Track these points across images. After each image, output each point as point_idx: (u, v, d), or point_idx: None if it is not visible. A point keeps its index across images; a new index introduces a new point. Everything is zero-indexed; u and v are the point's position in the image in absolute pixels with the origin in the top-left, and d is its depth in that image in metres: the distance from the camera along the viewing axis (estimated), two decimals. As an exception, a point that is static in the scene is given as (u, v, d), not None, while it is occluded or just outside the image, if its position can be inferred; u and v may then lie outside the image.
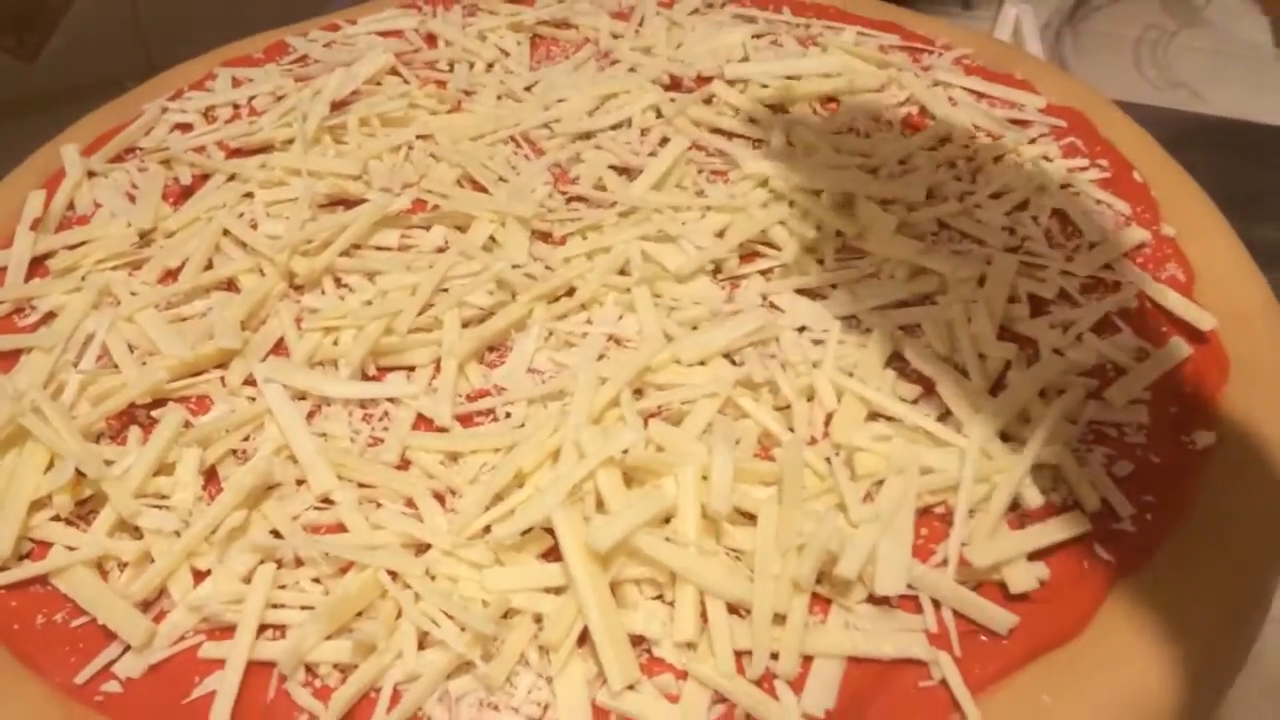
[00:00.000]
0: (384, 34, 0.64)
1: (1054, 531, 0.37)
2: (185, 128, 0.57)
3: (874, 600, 0.35)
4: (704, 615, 0.34)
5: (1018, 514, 0.37)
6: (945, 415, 0.40)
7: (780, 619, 0.34)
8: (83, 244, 0.49)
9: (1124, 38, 1.11)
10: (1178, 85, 1.05)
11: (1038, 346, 0.43)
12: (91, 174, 0.54)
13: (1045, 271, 0.46)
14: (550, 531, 0.36)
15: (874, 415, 0.40)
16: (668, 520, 0.36)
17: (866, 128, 0.55)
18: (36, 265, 0.49)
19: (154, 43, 1.04)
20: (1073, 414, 0.40)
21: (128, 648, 0.35)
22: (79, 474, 0.38)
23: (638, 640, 0.34)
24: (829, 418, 0.40)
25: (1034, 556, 0.36)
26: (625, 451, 0.37)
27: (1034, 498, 0.37)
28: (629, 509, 0.35)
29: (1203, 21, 1.11)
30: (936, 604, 0.35)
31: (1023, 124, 0.55)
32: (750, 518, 0.37)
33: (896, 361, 0.43)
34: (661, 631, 0.34)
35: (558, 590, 0.35)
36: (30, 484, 0.38)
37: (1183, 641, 0.35)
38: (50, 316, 0.46)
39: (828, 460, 0.39)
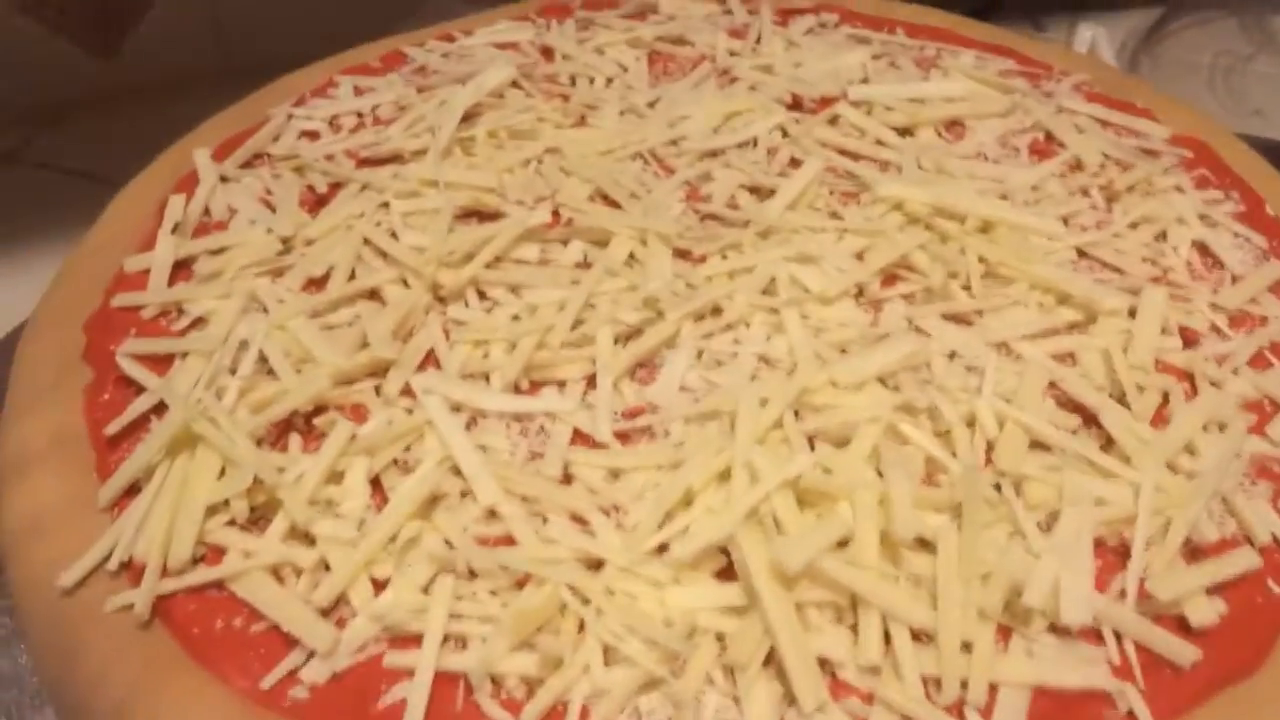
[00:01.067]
0: (500, 46, 0.64)
1: (1230, 565, 0.37)
2: (312, 135, 0.58)
3: (1055, 630, 0.35)
4: (887, 640, 0.34)
5: (1188, 548, 0.38)
6: (1106, 445, 0.40)
7: (965, 647, 0.34)
8: (225, 249, 0.49)
9: (1198, 64, 1.11)
10: (1253, 112, 1.05)
11: (1193, 379, 0.43)
12: (224, 179, 0.54)
13: (1192, 304, 0.46)
14: (724, 552, 0.37)
15: (1035, 444, 0.40)
16: (842, 545, 0.36)
17: (995, 154, 0.55)
18: (177, 270, 0.49)
19: (232, 42, 1.05)
20: (1237, 448, 0.40)
21: (312, 654, 0.35)
22: (253, 480, 0.38)
23: (821, 663, 0.34)
24: (990, 446, 0.40)
25: (1210, 591, 0.36)
26: (798, 475, 0.37)
27: (1209, 531, 0.37)
28: (811, 531, 0.35)
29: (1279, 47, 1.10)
30: (1117, 636, 0.35)
31: (1151, 154, 0.55)
32: (925, 544, 0.37)
33: (1052, 390, 0.43)
34: (846, 655, 0.34)
35: (738, 610, 0.35)
36: (204, 489, 0.38)
37: (1361, 680, 0.35)
38: (199, 321, 0.46)
39: (997, 488, 0.39)
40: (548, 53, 0.64)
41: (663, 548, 0.37)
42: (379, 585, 0.37)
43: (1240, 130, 0.85)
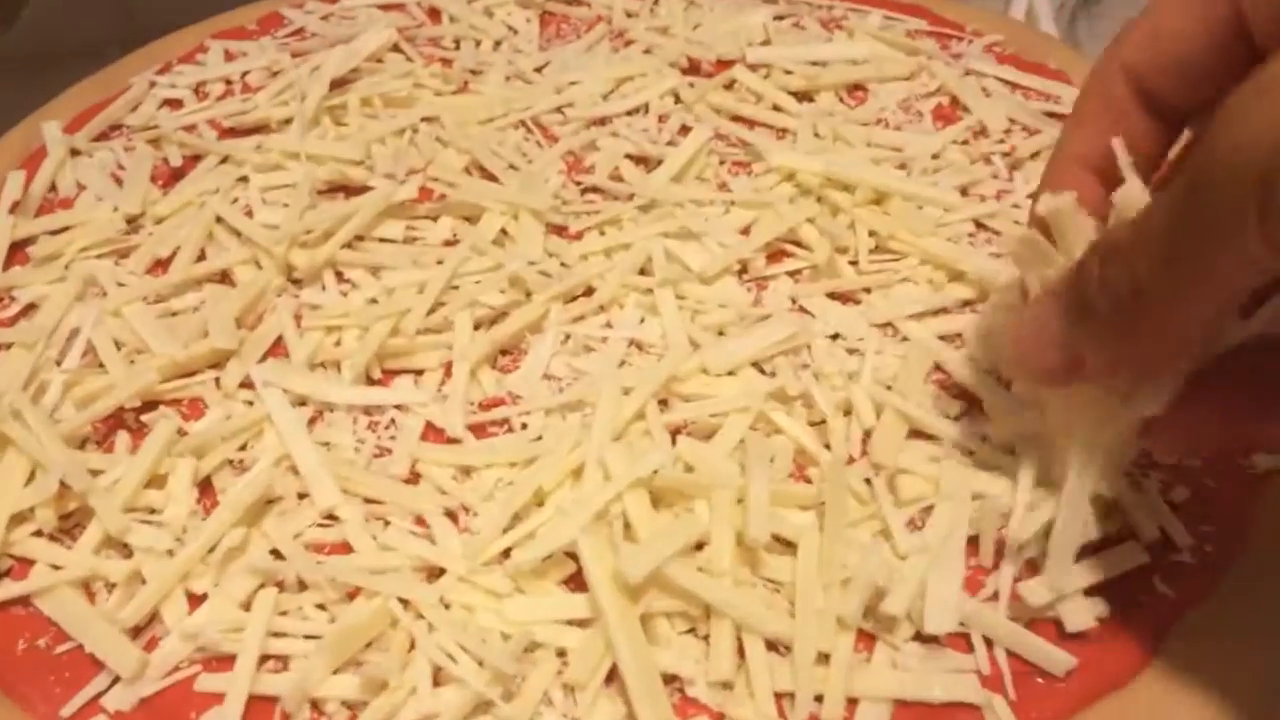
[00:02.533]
0: (384, 7, 0.61)
1: (1111, 564, 0.34)
2: (175, 104, 0.54)
3: (922, 638, 0.33)
4: (740, 652, 0.32)
5: (1069, 543, 0.35)
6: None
7: (823, 658, 0.32)
8: (66, 229, 0.46)
9: (1137, 22, 1.08)
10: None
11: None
12: (75, 152, 0.51)
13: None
14: (573, 556, 0.34)
15: (915, 433, 0.38)
16: (699, 547, 0.34)
17: (897, 120, 0.52)
18: (15, 251, 0.46)
19: (138, 7, 1.00)
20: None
21: (118, 678, 0.32)
22: (63, 486, 0.35)
23: (669, 679, 0.32)
24: (867, 435, 0.38)
25: (1089, 592, 0.34)
26: (654, 472, 0.34)
27: (1090, 529, 0.34)
28: (660, 536, 0.32)
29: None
30: (988, 642, 0.33)
31: (1060, 118, 0.52)
32: (787, 545, 0.34)
33: (936, 373, 0.40)
34: (695, 670, 0.32)
35: (582, 623, 0.33)
36: (10, 496, 0.35)
37: (1248, 681, 0.33)
38: (31, 308, 0.43)
39: (868, 482, 0.36)
40: (435, 14, 0.60)
41: (509, 553, 0.34)
42: (198, 600, 0.34)
43: None
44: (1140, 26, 0.32)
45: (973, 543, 0.35)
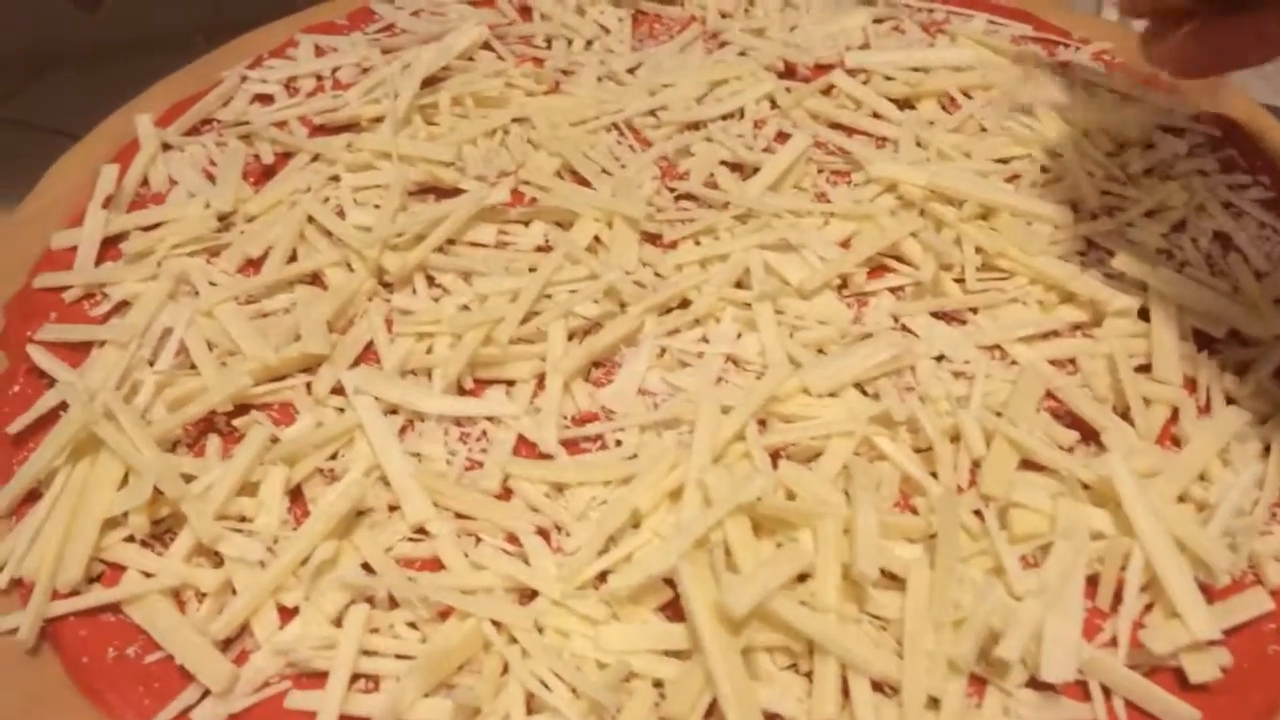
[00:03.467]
0: (475, 3, 0.60)
1: (1237, 611, 0.33)
2: (265, 99, 0.54)
3: (1037, 684, 0.31)
4: (845, 691, 0.31)
5: (1191, 588, 0.33)
6: (1105, 466, 0.36)
7: (933, 701, 0.30)
8: (158, 225, 0.46)
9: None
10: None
11: (1205, 389, 0.39)
12: (166, 146, 0.50)
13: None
14: (670, 583, 0.33)
15: (1027, 463, 0.36)
16: (802, 578, 0.33)
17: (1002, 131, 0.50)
18: (107, 246, 0.46)
19: (223, -2, 1.00)
20: (1256, 476, 0.36)
21: (207, 692, 0.32)
22: (156, 491, 0.35)
23: (770, 717, 0.31)
24: (976, 464, 0.36)
25: (1212, 641, 0.32)
26: (757, 499, 0.33)
27: (1220, 570, 0.32)
28: (764, 567, 0.31)
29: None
30: (1105, 690, 0.31)
31: (1176, 132, 0.50)
32: (894, 579, 0.33)
33: (1048, 401, 0.39)
34: (798, 709, 0.30)
35: (679, 653, 0.32)
36: (103, 500, 0.35)
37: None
38: (123, 305, 0.43)
39: (978, 514, 0.35)
40: (526, 12, 0.59)
41: (604, 577, 0.33)
42: (288, 614, 0.33)
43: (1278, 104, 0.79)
44: None
45: (1089, 582, 0.33)
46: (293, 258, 0.44)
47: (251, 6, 0.99)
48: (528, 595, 0.33)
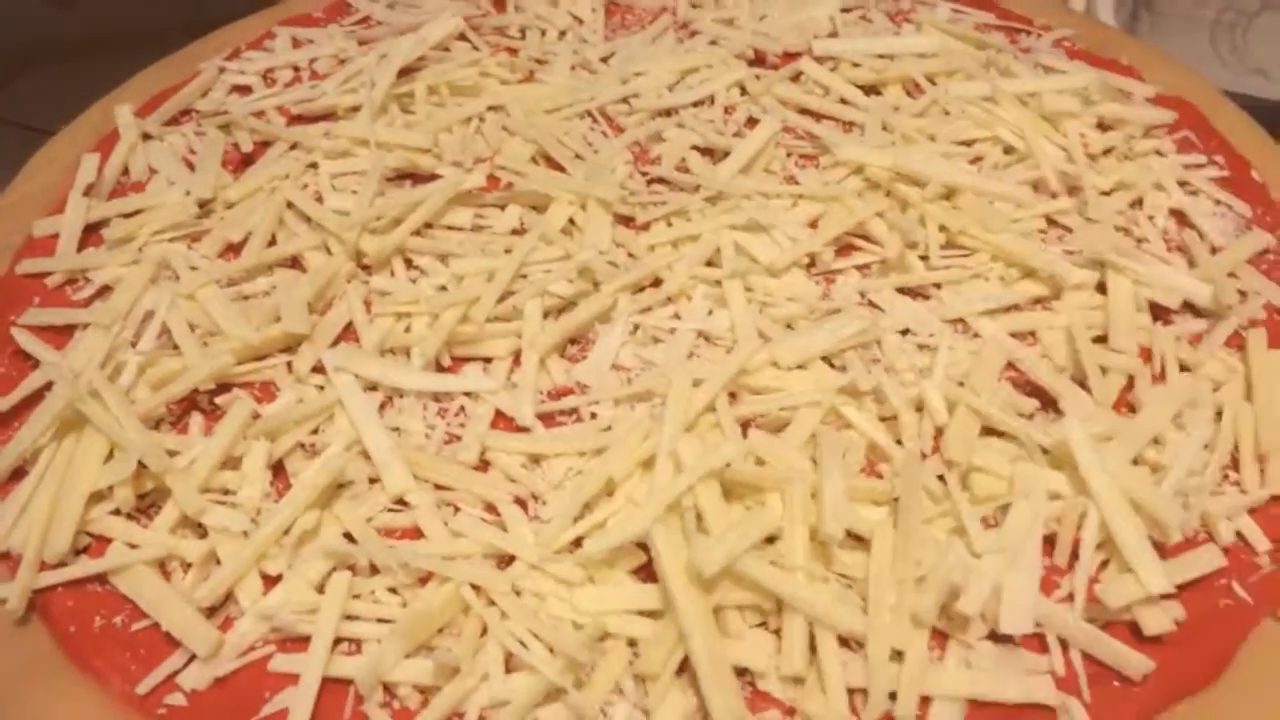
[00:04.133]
0: (450, -4, 0.61)
1: (1190, 567, 0.34)
2: (243, 90, 0.55)
3: (995, 638, 0.32)
4: (812, 647, 0.32)
5: (1145, 546, 0.35)
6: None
7: (897, 655, 0.31)
8: (139, 212, 0.47)
9: (1201, 19, 1.06)
10: (1255, 71, 1.01)
11: (1160, 358, 0.40)
12: (146, 136, 0.51)
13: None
14: (643, 547, 0.34)
15: (988, 430, 0.38)
16: (770, 541, 0.34)
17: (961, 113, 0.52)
18: (89, 233, 0.47)
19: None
20: (1208, 439, 0.37)
21: (193, 657, 0.32)
22: (140, 466, 0.35)
23: (740, 672, 0.32)
24: (939, 431, 0.37)
25: (1165, 596, 0.33)
26: (727, 465, 0.34)
27: (1173, 528, 0.34)
28: (734, 529, 0.32)
29: (1284, 5, 1.06)
30: (1063, 643, 0.33)
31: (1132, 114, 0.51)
32: (860, 540, 0.34)
33: (1009, 371, 0.40)
34: (767, 664, 0.32)
35: (653, 613, 0.33)
36: (89, 475, 0.36)
37: (1328, 692, 0.32)
38: (105, 290, 0.44)
39: (941, 479, 0.36)
40: (500, 3, 0.60)
41: (580, 542, 0.34)
42: (272, 582, 0.34)
43: (1239, 89, 0.81)
44: None
45: (1047, 541, 0.34)
46: (272, 242, 0.45)
47: (230, 4, 0.99)
48: (505, 561, 0.34)
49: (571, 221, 0.46)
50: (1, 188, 0.84)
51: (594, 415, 0.39)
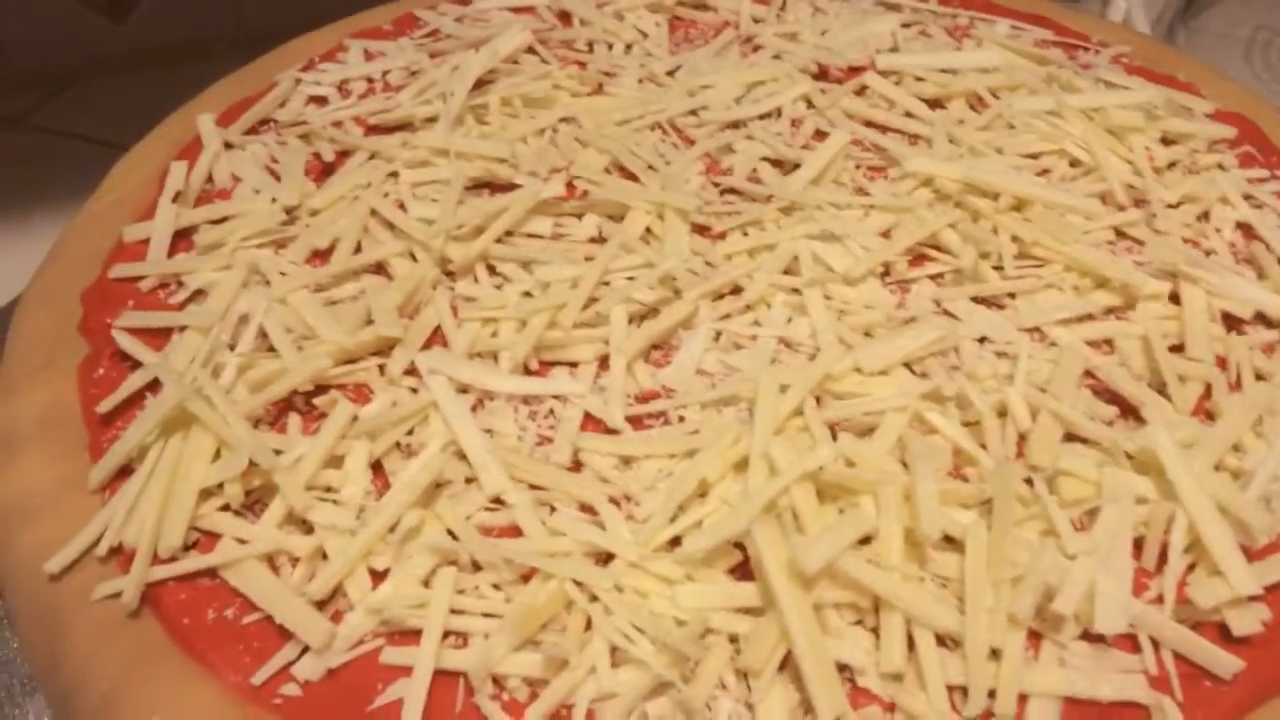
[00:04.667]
0: (516, 10, 0.62)
1: (1276, 569, 0.35)
2: (320, 100, 0.56)
3: (1089, 637, 0.33)
4: (910, 645, 0.33)
5: (1230, 549, 0.35)
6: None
7: (994, 654, 0.32)
8: (227, 219, 0.48)
9: (1236, 37, 1.07)
10: (1290, 88, 1.02)
11: (1236, 368, 0.41)
12: (228, 145, 0.52)
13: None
14: (739, 547, 0.35)
15: (1069, 437, 0.38)
16: (865, 541, 0.35)
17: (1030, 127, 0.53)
18: (177, 239, 0.48)
19: (246, 8, 1.02)
20: (1288, 445, 0.38)
21: (305, 649, 0.33)
22: (248, 463, 0.36)
23: (840, 669, 0.32)
24: (1022, 437, 0.38)
25: (1253, 596, 0.34)
26: (820, 467, 0.35)
27: (1259, 532, 0.35)
28: (832, 529, 0.33)
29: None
30: (1154, 644, 0.33)
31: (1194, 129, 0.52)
32: (952, 542, 0.35)
33: (1087, 379, 0.41)
34: (866, 660, 0.32)
35: (751, 611, 0.34)
36: (199, 472, 0.37)
37: None
38: (199, 294, 0.45)
39: (1028, 482, 0.37)
40: (565, 17, 0.62)
41: (675, 541, 0.35)
42: (378, 576, 0.35)
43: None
44: None
45: (1135, 545, 0.35)
46: (357, 249, 0.46)
47: (271, 18, 1.01)
48: (604, 559, 0.35)
49: (648, 230, 0.47)
50: (56, 190, 0.86)
51: (681, 419, 0.40)
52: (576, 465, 0.39)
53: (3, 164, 0.89)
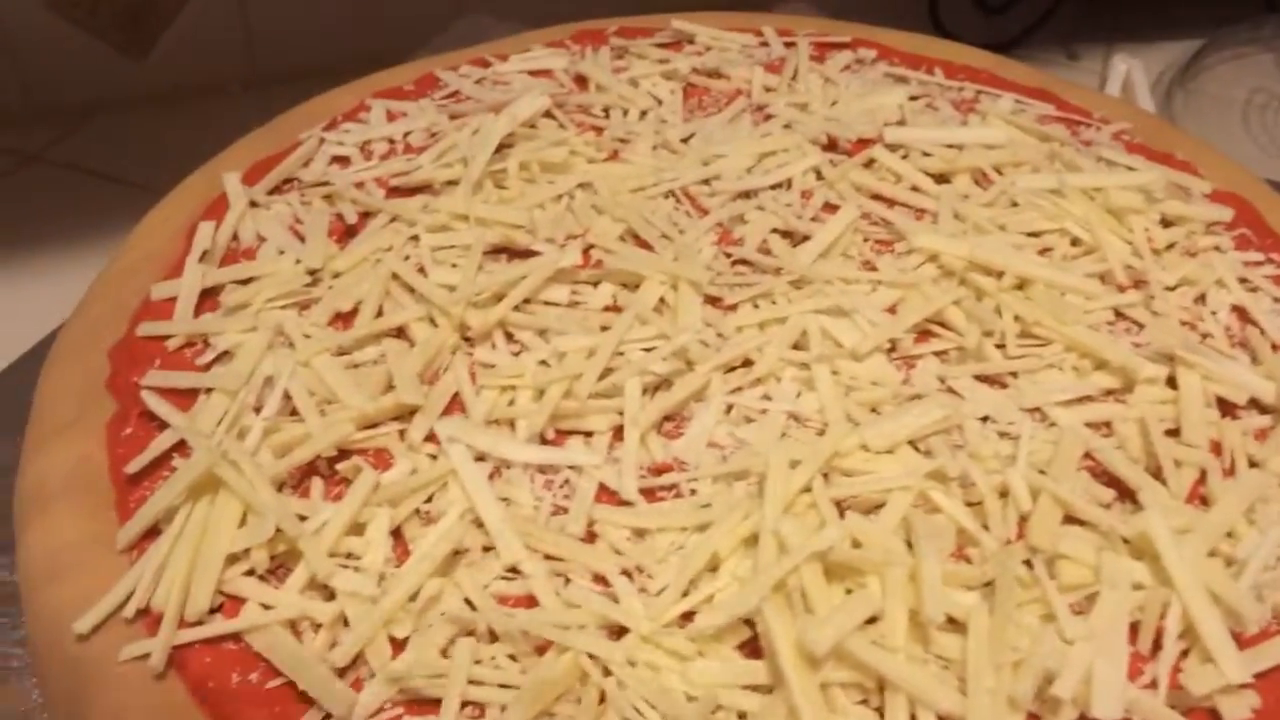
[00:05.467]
0: (534, 73, 0.64)
1: (1265, 658, 0.36)
2: (343, 160, 0.57)
3: (1085, 720, 0.34)
4: (913, 724, 0.34)
5: (1223, 635, 0.37)
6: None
7: (993, 735, 0.33)
8: (252, 279, 0.49)
9: (1233, 100, 1.09)
10: (1288, 152, 1.04)
11: (1230, 453, 0.42)
12: (253, 204, 0.54)
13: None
14: (749, 623, 0.36)
15: (1069, 517, 0.40)
16: (870, 621, 0.36)
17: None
18: (204, 297, 0.49)
19: (261, 49, 1.04)
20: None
21: (328, 716, 0.35)
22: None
23: (845, 747, 0.34)
24: (1023, 519, 0.40)
25: (1244, 684, 0.35)
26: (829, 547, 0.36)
27: (1250, 620, 0.36)
28: (840, 610, 0.34)
29: (1316, 86, 1.09)
30: (1148, 728, 0.35)
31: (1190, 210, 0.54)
32: (954, 623, 0.36)
33: (1086, 460, 0.42)
34: (872, 739, 0.34)
35: (759, 688, 0.35)
36: (225, 537, 0.38)
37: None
38: (225, 355, 0.46)
39: (1027, 564, 0.38)
40: (581, 81, 0.63)
41: (686, 615, 0.37)
42: (397, 645, 0.36)
43: (1274, 172, 0.84)
44: None
45: (1131, 629, 0.36)
46: (379, 313, 0.48)
47: (284, 59, 1.03)
48: (617, 631, 0.36)
49: (662, 300, 0.48)
50: (71, 228, 0.87)
51: (693, 491, 0.41)
52: (591, 535, 0.40)
53: (22, 200, 0.91)
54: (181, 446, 0.42)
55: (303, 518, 0.39)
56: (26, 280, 0.83)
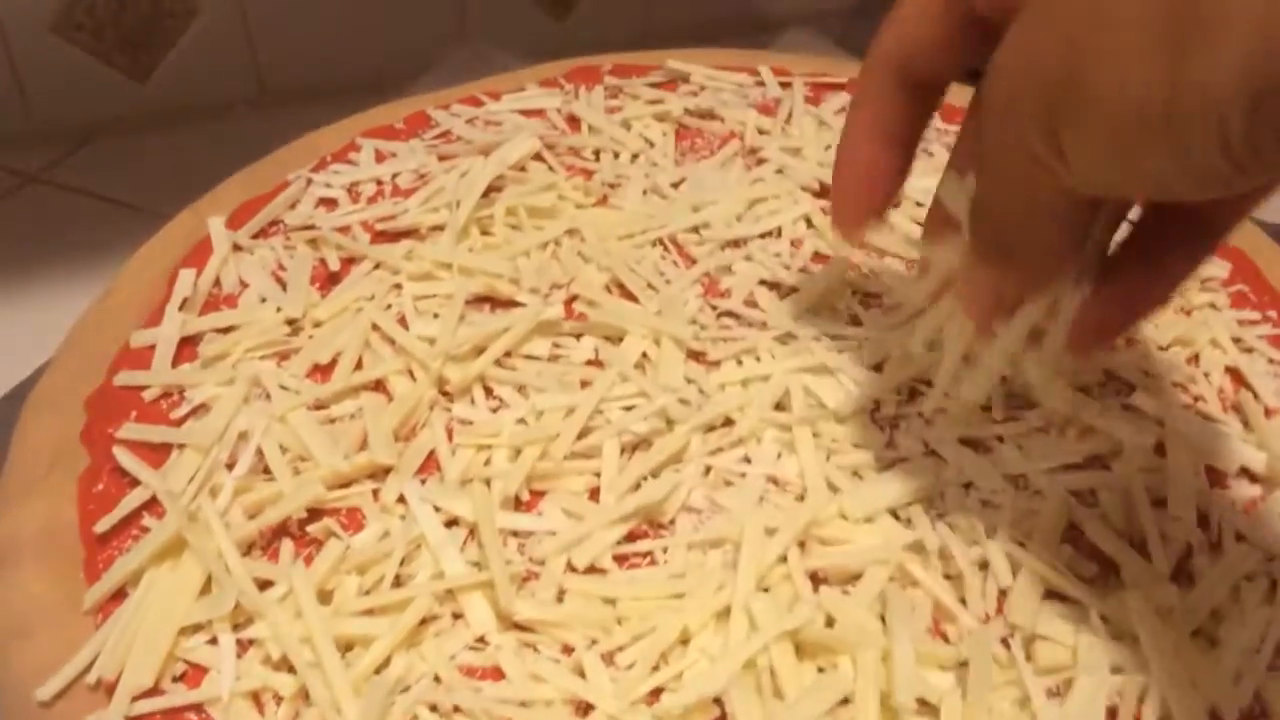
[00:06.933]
0: (526, 113, 0.63)
1: (1243, 744, 0.35)
2: (329, 203, 0.57)
3: (1058, 812, 0.34)
4: (881, 814, 0.33)
5: (1203, 721, 0.36)
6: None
7: (964, 828, 0.33)
8: (232, 329, 0.49)
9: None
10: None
11: (1217, 525, 0.41)
12: (237, 247, 0.53)
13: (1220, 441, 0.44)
14: (717, 701, 0.35)
15: (1050, 591, 0.39)
16: (843, 703, 0.35)
17: (1025, 257, 0.53)
18: (183, 345, 0.49)
19: (265, 70, 1.04)
20: (1267, 616, 0.38)
21: (286, 795, 0.34)
22: (238, 598, 0.37)
23: (811, 835, 0.33)
24: (1002, 592, 0.39)
25: (1221, 774, 0.34)
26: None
27: (1229, 711, 0.35)
28: (809, 694, 0.34)
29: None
30: (1123, 821, 0.34)
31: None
32: (927, 705, 0.35)
33: (1069, 531, 0.41)
34: (838, 830, 0.33)
35: (727, 771, 0.34)
36: (181, 608, 0.37)
37: None
38: (201, 408, 0.45)
39: (1004, 643, 0.37)
40: (574, 122, 0.63)
41: (655, 690, 0.36)
42: (361, 718, 0.36)
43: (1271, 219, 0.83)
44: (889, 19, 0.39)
45: (1108, 713, 0.36)
46: (358, 364, 0.47)
47: (291, 78, 1.03)
48: (583, 709, 0.36)
49: (644, 354, 0.48)
50: (70, 250, 0.87)
51: (667, 561, 0.40)
52: (562, 598, 0.39)
53: (23, 221, 0.90)
54: (154, 503, 0.42)
55: (270, 584, 0.38)
56: (29, 303, 0.83)
